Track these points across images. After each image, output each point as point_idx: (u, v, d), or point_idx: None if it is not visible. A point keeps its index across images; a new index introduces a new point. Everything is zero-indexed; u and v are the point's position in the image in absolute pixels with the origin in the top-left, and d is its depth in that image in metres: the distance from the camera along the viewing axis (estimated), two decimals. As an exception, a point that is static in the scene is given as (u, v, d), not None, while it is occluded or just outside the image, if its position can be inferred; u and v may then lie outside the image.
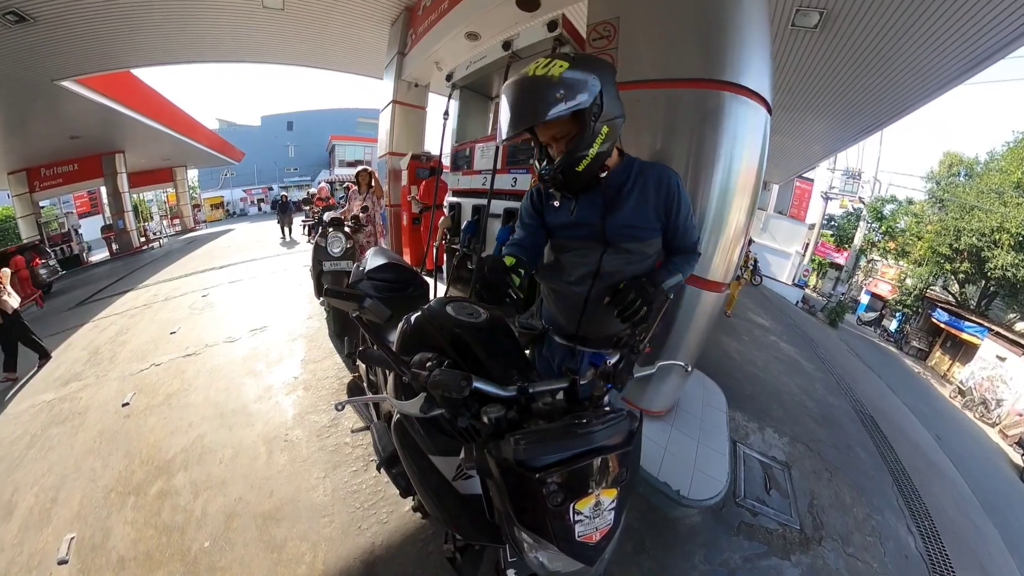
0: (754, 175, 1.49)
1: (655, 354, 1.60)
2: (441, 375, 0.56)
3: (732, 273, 1.65)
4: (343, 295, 0.63)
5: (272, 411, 2.04)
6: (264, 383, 2.32)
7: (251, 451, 1.75)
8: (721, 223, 1.49)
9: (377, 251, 1.72)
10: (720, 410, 2.27)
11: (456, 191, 2.81)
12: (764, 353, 3.84)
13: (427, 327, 0.83)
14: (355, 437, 1.80)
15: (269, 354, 2.69)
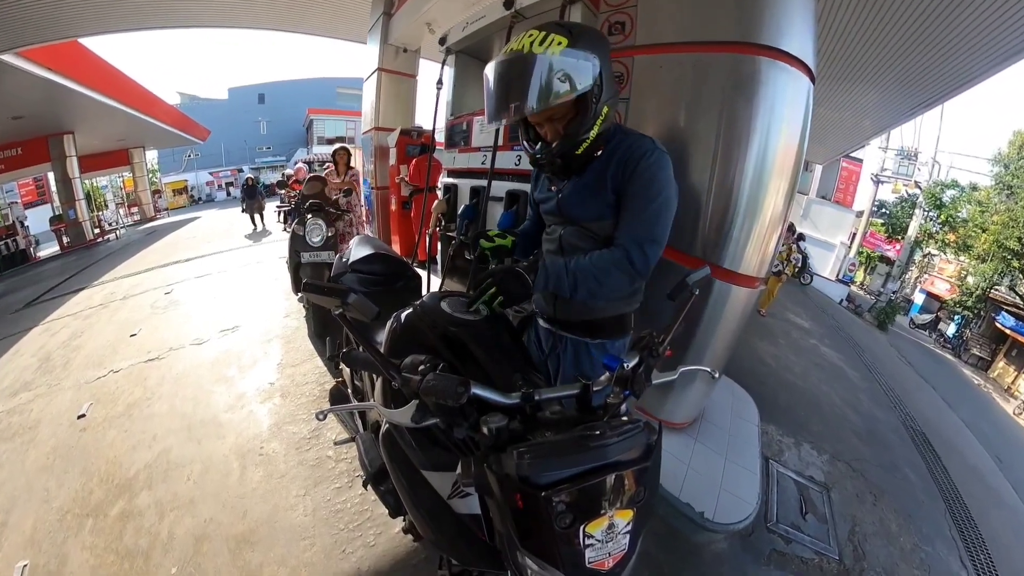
0: (794, 154, 1.48)
1: (677, 358, 1.60)
2: (435, 380, 0.56)
3: (768, 267, 1.64)
4: (324, 290, 0.63)
5: (245, 421, 2.06)
6: (236, 390, 2.34)
7: (222, 466, 1.77)
8: (755, 209, 1.48)
9: (362, 240, 1.72)
10: (751, 422, 2.27)
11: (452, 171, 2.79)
12: (802, 358, 3.84)
13: (419, 326, 0.83)
14: (338, 450, 1.82)
15: (241, 357, 2.72)
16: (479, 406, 0.59)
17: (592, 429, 0.55)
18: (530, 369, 0.80)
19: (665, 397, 1.86)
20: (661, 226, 0.89)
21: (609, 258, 0.89)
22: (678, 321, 0.74)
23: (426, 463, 0.75)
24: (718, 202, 1.47)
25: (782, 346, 4.04)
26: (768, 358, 3.57)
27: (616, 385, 0.64)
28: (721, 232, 1.50)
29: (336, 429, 1.93)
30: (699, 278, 0.79)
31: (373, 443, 1.02)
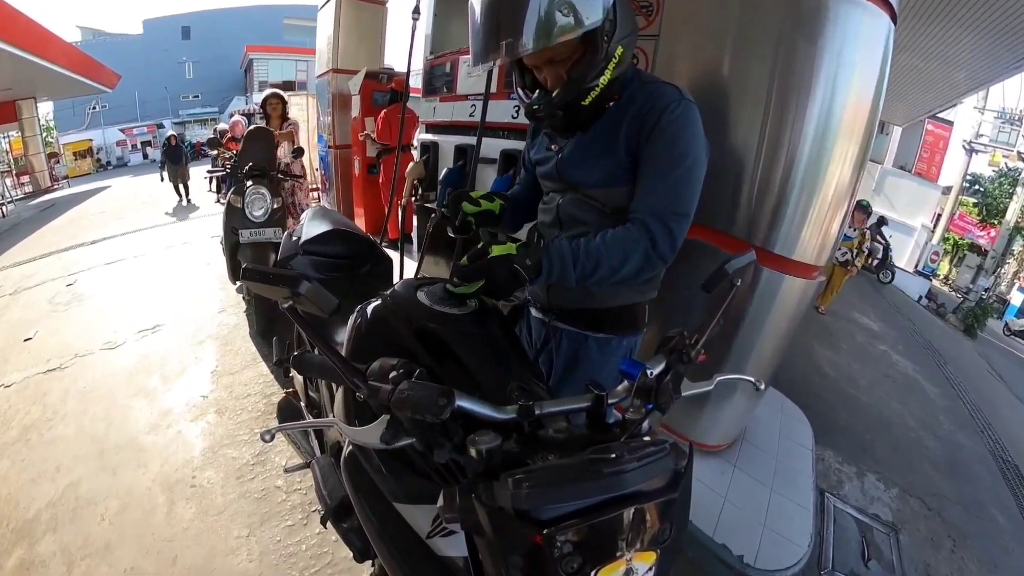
0: (867, 111, 1.48)
1: (713, 364, 1.59)
2: (410, 390, 0.56)
3: (830, 252, 1.65)
4: (269, 277, 0.63)
5: (173, 445, 2.06)
6: (160, 406, 2.33)
7: (145, 502, 1.77)
8: (815, 179, 1.48)
9: (318, 213, 1.71)
10: (804, 446, 2.31)
11: (431, 125, 2.76)
12: (869, 368, 3.89)
13: (390, 321, 0.83)
14: (290, 479, 1.83)
15: (166, 365, 2.71)
16: (465, 422, 0.59)
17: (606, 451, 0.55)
18: (529, 376, 0.81)
19: (697, 413, 1.88)
20: (688, 195, 0.89)
21: (625, 237, 0.88)
22: (716, 318, 0.74)
23: (400, 494, 0.76)
24: (769, 169, 1.48)
25: (844, 352, 4.08)
26: (826, 366, 3.60)
27: (637, 397, 0.64)
28: (772, 208, 1.50)
29: (287, 452, 1.93)
30: (742, 265, 0.79)
31: (333, 469, 1.03)
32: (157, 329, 3.17)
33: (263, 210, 2.87)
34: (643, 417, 0.63)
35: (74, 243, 6.00)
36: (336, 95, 4.79)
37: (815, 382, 3.24)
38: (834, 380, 3.40)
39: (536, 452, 0.59)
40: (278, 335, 1.77)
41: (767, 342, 1.70)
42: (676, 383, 0.66)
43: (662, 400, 0.64)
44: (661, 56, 1.61)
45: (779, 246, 1.53)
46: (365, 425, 0.60)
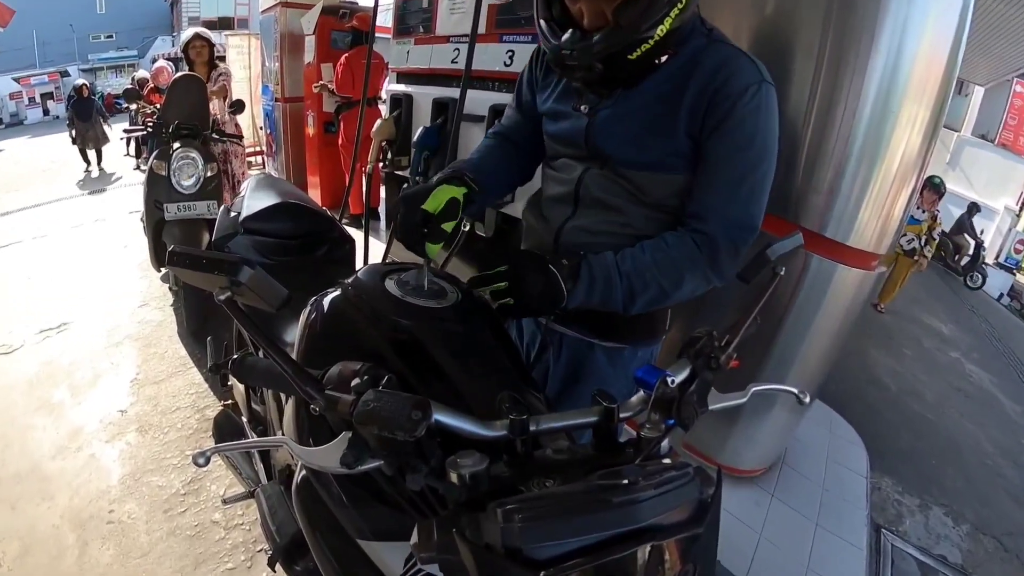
0: (941, 67, 1.48)
1: (748, 371, 1.60)
2: (377, 401, 0.56)
3: (893, 239, 1.67)
4: (202, 263, 0.62)
5: (85, 472, 2.05)
6: (68, 424, 2.32)
7: (51, 542, 1.76)
8: (877, 149, 1.49)
9: (262, 183, 1.71)
10: (857, 472, 2.34)
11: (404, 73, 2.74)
12: (938, 380, 3.93)
13: (353, 316, 0.83)
14: (230, 512, 1.84)
15: (75, 372, 2.69)
16: (445, 441, 0.59)
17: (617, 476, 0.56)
18: (523, 384, 0.81)
19: (728, 430, 1.90)
20: (762, 205, 0.90)
21: (682, 254, 0.88)
22: (753, 315, 0.74)
23: (365, 529, 0.76)
24: (820, 136, 1.48)
25: (908, 360, 4.13)
26: (886, 377, 3.65)
27: (654, 410, 0.64)
28: (823, 183, 1.51)
29: (225, 479, 1.94)
30: (787, 250, 0.79)
31: (282, 499, 1.03)
32: (63, 328, 3.15)
33: (194, 179, 2.85)
34: (662, 435, 0.64)
35: None
36: (285, 35, 4.76)
37: (872, 395, 3.28)
38: (895, 394, 3.44)
39: (531, 477, 0.60)
40: (213, 335, 1.77)
41: (814, 345, 1.72)
42: (702, 394, 0.66)
43: (685, 414, 0.65)
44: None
45: (832, 229, 1.54)
46: (321, 444, 0.60)
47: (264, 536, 1.07)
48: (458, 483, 0.56)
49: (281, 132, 5.09)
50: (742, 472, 2.02)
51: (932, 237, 4.80)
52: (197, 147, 2.89)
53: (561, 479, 0.59)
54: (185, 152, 2.84)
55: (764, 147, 0.88)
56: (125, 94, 4.94)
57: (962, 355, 4.71)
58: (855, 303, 1.72)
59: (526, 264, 0.84)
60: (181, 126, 2.90)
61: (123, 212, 5.50)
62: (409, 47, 2.64)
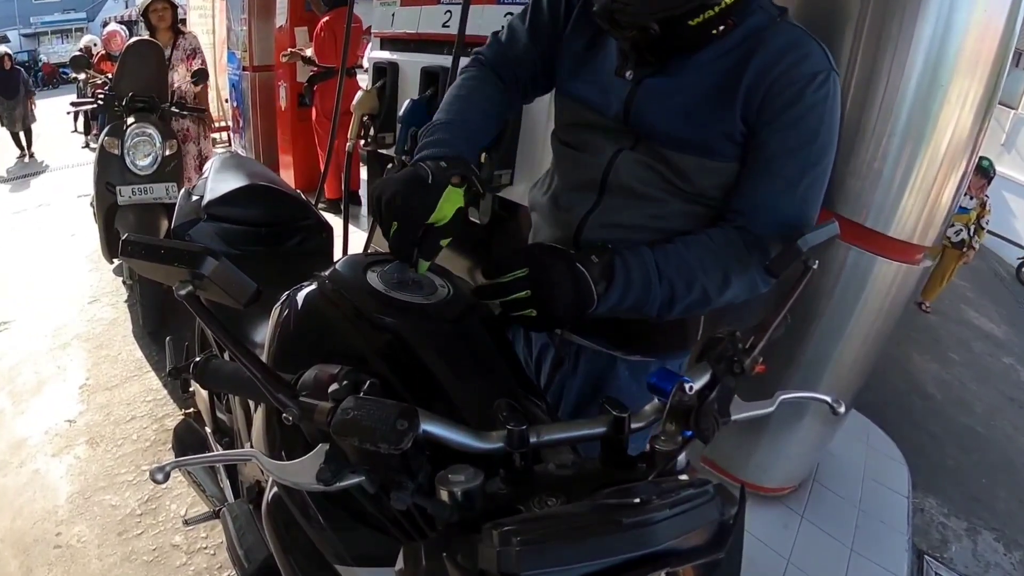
0: (997, 35, 1.47)
1: (775, 376, 1.62)
2: (359, 409, 0.56)
3: (940, 229, 1.66)
4: (160, 253, 0.62)
5: (29, 490, 2.06)
6: (9, 435, 2.34)
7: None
8: (923, 128, 1.49)
9: (228, 162, 1.72)
10: (897, 492, 2.34)
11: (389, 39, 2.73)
12: (989, 389, 3.93)
13: (330, 314, 0.83)
14: (192, 533, 1.84)
15: (16, 377, 2.71)
16: (435, 454, 0.59)
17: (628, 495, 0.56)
18: (522, 390, 0.81)
19: (752, 443, 1.91)
20: (816, 205, 0.89)
21: (729, 253, 0.87)
22: (782, 313, 0.74)
23: (344, 553, 0.76)
24: (859, 114, 1.48)
25: (956, 366, 4.12)
26: (931, 384, 3.64)
27: (670, 420, 0.64)
28: (862, 166, 1.51)
29: (187, 497, 1.94)
30: (821, 241, 0.79)
31: (251, 519, 1.03)
32: (3, 328, 3.16)
33: (150, 158, 2.86)
34: (679, 448, 0.63)
35: None
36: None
37: (915, 405, 3.29)
38: (941, 404, 3.44)
39: (532, 495, 0.60)
40: (173, 335, 1.78)
41: (850, 348, 1.72)
42: (724, 403, 0.66)
43: (705, 425, 0.64)
44: None
45: (871, 218, 1.54)
46: (295, 458, 0.60)
47: (231, 561, 1.07)
48: (449, 501, 0.56)
49: (249, 105, 5.09)
50: (768, 490, 2.03)
51: (981, 226, 4.79)
52: (154, 122, 2.89)
53: (565, 497, 0.59)
54: (141, 128, 2.84)
55: (827, 142, 0.87)
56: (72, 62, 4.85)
57: (1016, 361, 4.70)
58: (897, 301, 1.72)
59: (550, 265, 0.79)
60: (136, 98, 2.90)
61: (70, 196, 5.50)
62: (395, 8, 2.63)
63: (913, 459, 2.54)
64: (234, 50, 5.35)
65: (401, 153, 2.23)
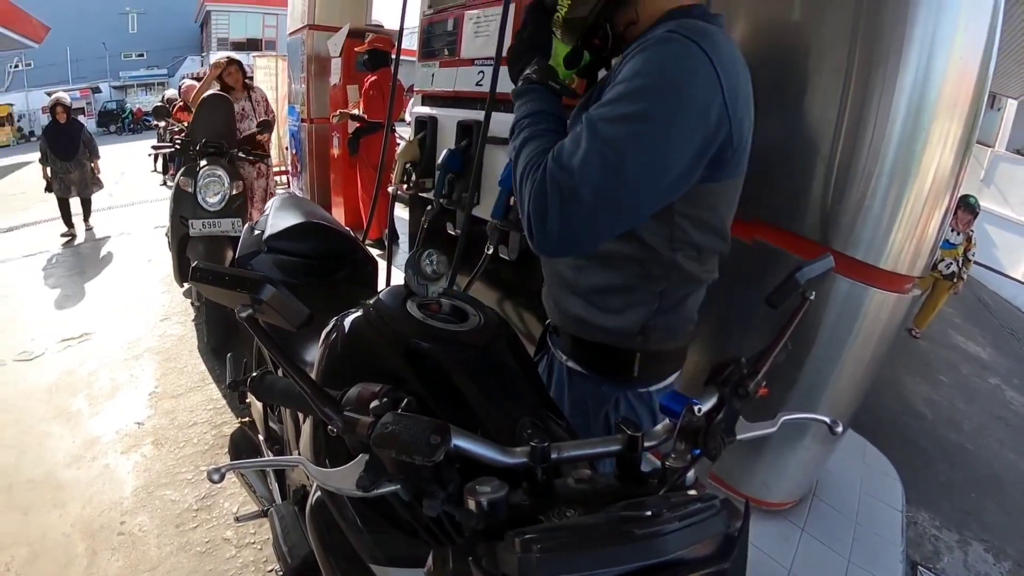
0: (972, 81, 1.46)
1: (776, 399, 1.60)
2: (396, 424, 0.56)
3: (928, 260, 1.63)
4: (225, 279, 0.64)
5: (98, 482, 2.09)
6: (85, 433, 2.37)
7: (60, 550, 1.79)
8: (908, 166, 1.47)
9: (287, 202, 1.75)
10: (892, 506, 2.27)
11: (428, 96, 2.79)
12: (977, 408, 3.83)
13: (374, 338, 0.83)
14: (242, 530, 1.84)
15: (94, 383, 2.76)
16: (464, 466, 0.58)
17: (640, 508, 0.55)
18: (545, 410, 0.81)
19: (756, 461, 1.86)
20: (620, 157, 0.75)
21: (537, 168, 0.83)
22: (782, 341, 0.73)
23: (379, 554, 0.75)
24: (849, 154, 1.47)
25: (944, 387, 4.02)
26: (922, 405, 3.56)
27: (680, 439, 0.64)
28: (853, 203, 1.49)
29: (239, 496, 1.95)
30: (818, 274, 0.78)
31: (296, 520, 1.03)
32: (85, 338, 3.24)
33: (219, 196, 2.93)
34: (688, 465, 0.63)
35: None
36: (312, 57, 4.89)
37: (907, 424, 3.20)
38: (932, 422, 3.35)
39: (551, 506, 0.59)
40: (233, 351, 1.80)
41: (847, 372, 1.68)
42: (730, 423, 0.65)
43: (712, 444, 0.63)
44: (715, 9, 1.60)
45: (863, 251, 1.52)
46: (338, 466, 0.60)
47: (275, 557, 1.07)
48: (476, 510, 0.55)
49: (306, 152, 5.20)
50: (771, 505, 1.97)
51: (968, 258, 4.73)
52: (223, 165, 2.98)
53: (582, 509, 0.58)
54: (211, 170, 2.93)
55: (631, 82, 0.77)
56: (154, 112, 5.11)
57: (1002, 381, 4.57)
58: (889, 328, 1.68)
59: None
60: (208, 144, 3.00)
61: (149, 227, 5.67)
62: (435, 69, 2.69)
63: (906, 475, 2.48)
64: (294, 104, 5.50)
65: (439, 196, 2.26)
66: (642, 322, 0.97)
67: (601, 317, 0.99)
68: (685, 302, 0.99)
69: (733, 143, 0.81)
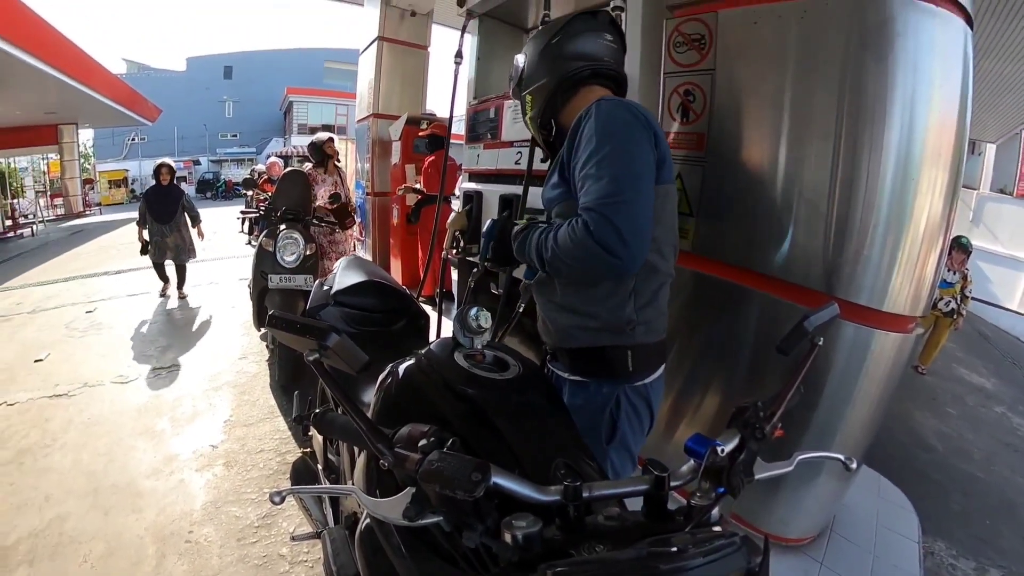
0: (953, 131, 1.44)
1: (792, 439, 1.51)
2: (441, 461, 0.55)
3: (927, 300, 1.56)
4: (296, 327, 0.66)
5: (173, 494, 2.11)
6: (166, 450, 2.42)
7: (133, 550, 1.79)
8: (901, 215, 1.43)
9: (352, 263, 1.79)
10: (908, 538, 2.10)
11: (474, 174, 2.89)
12: (985, 437, 3.56)
13: (423, 384, 0.84)
14: (297, 548, 1.82)
15: (177, 407, 2.82)
16: (502, 502, 0.57)
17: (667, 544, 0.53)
18: (577, 452, 0.79)
19: (774, 499, 1.75)
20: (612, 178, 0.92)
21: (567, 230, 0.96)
22: (795, 385, 0.71)
23: (420, 580, 0.73)
24: (845, 209, 1.44)
25: (953, 419, 3.76)
26: (932, 438, 3.32)
27: (705, 479, 0.61)
28: (853, 252, 1.45)
29: (296, 518, 1.93)
30: (824, 321, 0.76)
31: (346, 543, 1.01)
32: (173, 369, 3.35)
33: (295, 255, 3.06)
34: (712, 503, 0.60)
35: (99, 270, 6.59)
36: (376, 141, 5.12)
37: (919, 458, 2.98)
38: (942, 454, 3.11)
39: (582, 541, 0.57)
40: (300, 389, 1.82)
41: (858, 411, 1.58)
42: (748, 464, 0.63)
43: (734, 483, 0.61)
44: (719, 93, 1.64)
45: (866, 296, 1.46)
46: (387, 497, 0.60)
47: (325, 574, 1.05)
48: (511, 543, 0.54)
49: (370, 221, 5.34)
50: (790, 541, 1.84)
51: (966, 295, 4.55)
52: (299, 229, 3.12)
53: (611, 544, 0.56)
54: (289, 233, 3.07)
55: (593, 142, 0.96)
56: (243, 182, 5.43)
57: (1008, 409, 4.24)
58: (896, 366, 1.59)
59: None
60: (287, 211, 3.17)
61: (234, 278, 5.91)
62: (479, 151, 2.79)
63: (921, 506, 2.29)
64: (360, 180, 5.70)
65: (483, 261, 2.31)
66: (626, 316, 1.04)
67: (592, 320, 1.06)
68: (657, 296, 1.08)
69: (661, 153, 1.01)
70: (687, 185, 1.73)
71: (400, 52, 5.03)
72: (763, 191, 1.55)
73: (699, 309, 1.77)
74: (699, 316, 1.77)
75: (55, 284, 5.97)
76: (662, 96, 1.80)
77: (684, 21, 1.72)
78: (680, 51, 1.74)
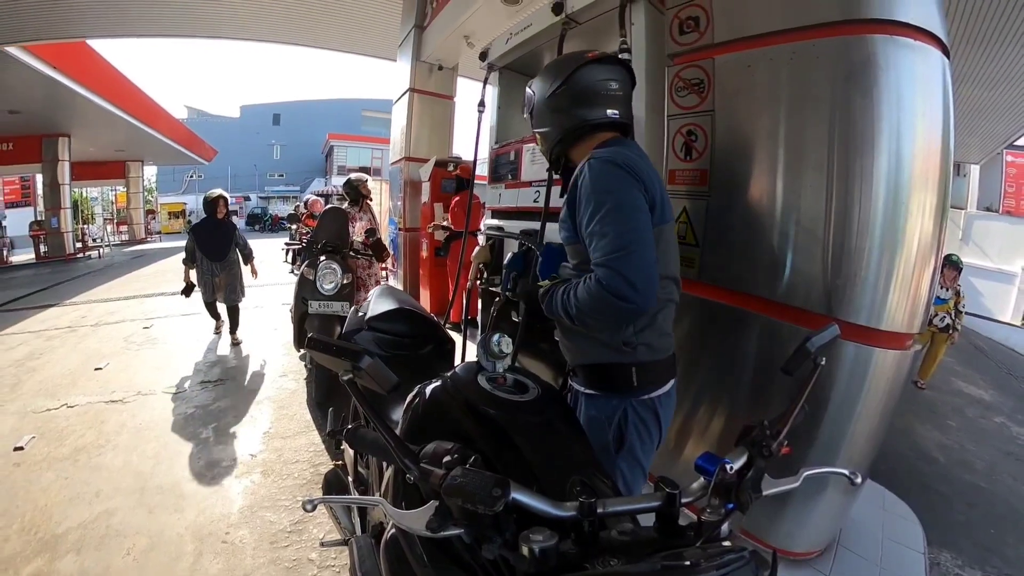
0: (937, 156, 1.41)
1: (798, 456, 1.45)
2: (464, 477, 0.55)
3: (923, 317, 1.51)
4: (332, 349, 0.66)
5: (213, 497, 2.11)
6: (209, 456, 2.43)
7: (173, 546, 1.80)
8: (894, 238, 1.39)
9: (385, 291, 1.80)
10: (914, 549, 1.98)
11: (497, 211, 2.92)
12: (986, 447, 3.38)
13: (448, 404, 0.84)
14: (325, 553, 1.79)
15: (222, 418, 2.85)
16: (520, 517, 0.56)
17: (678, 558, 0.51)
18: (592, 470, 0.77)
19: (781, 513, 1.67)
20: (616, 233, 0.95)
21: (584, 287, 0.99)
22: (800, 404, 0.69)
23: (441, 588, 0.71)
24: (841, 233, 1.41)
25: (953, 431, 3.58)
26: (934, 450, 3.17)
27: (715, 496, 0.59)
28: (850, 275, 1.41)
29: (326, 525, 1.91)
30: (826, 341, 0.74)
31: (371, 551, 1.00)
32: (220, 383, 3.39)
33: (333, 284, 3.11)
34: (722, 519, 0.58)
35: (156, 291, 6.79)
36: (407, 181, 5.24)
37: (922, 470, 2.84)
38: (945, 466, 2.96)
39: (597, 556, 0.55)
40: (335, 406, 1.82)
41: (861, 427, 1.52)
42: (756, 480, 0.62)
43: (743, 499, 0.60)
44: (719, 132, 1.65)
45: (864, 316, 1.42)
46: (412, 509, 0.59)
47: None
48: (529, 556, 0.52)
49: (402, 254, 5.42)
50: (797, 555, 1.74)
51: (959, 311, 4.40)
52: (338, 260, 3.18)
53: (625, 559, 0.54)
54: (328, 264, 3.13)
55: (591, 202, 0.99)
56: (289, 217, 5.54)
57: (1006, 419, 4.04)
58: (896, 382, 1.53)
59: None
60: (327, 244, 3.24)
61: (277, 303, 6.02)
62: (501, 190, 2.82)
63: (926, 517, 2.16)
64: (393, 217, 5.82)
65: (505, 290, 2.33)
66: (625, 338, 1.07)
67: (598, 341, 1.09)
68: (656, 319, 1.09)
69: (653, 199, 1.02)
70: (692, 218, 1.73)
71: (429, 102, 5.21)
72: (763, 221, 1.54)
73: (706, 333, 1.74)
74: (706, 340, 1.74)
75: (117, 301, 6.17)
76: (667, 137, 1.82)
77: (684, 68, 1.74)
78: (681, 95, 1.76)
